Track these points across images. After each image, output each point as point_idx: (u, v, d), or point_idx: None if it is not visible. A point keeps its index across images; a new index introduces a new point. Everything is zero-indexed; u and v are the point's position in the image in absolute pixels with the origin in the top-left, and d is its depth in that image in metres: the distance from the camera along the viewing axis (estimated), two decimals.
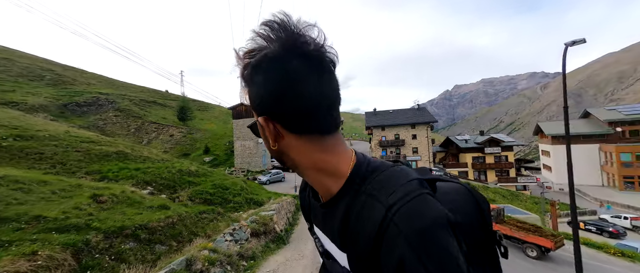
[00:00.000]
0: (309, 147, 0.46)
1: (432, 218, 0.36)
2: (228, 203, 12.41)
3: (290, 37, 0.43)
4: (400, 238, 0.35)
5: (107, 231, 4.30)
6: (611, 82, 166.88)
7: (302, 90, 0.43)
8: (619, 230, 16.89)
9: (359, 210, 0.43)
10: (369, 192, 0.43)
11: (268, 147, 0.50)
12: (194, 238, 6.24)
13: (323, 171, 0.48)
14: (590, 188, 29.49)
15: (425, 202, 0.38)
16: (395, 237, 0.36)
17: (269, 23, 0.43)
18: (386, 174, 0.44)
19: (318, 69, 0.44)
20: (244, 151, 33.69)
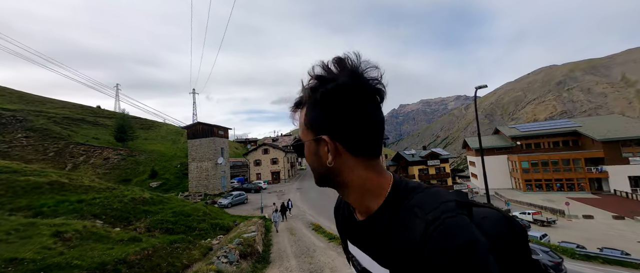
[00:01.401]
0: (361, 166, 0.52)
1: (470, 238, 0.38)
2: (193, 231, 11.77)
3: (361, 73, 0.51)
4: (440, 254, 0.38)
5: (89, 268, 4.11)
6: (511, 105, 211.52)
7: (368, 117, 0.51)
8: (525, 223, 21.54)
9: (399, 225, 0.46)
10: (409, 208, 0.46)
11: (318, 164, 0.54)
12: (171, 268, 6.02)
13: (368, 190, 0.53)
14: (504, 191, 36.58)
15: (464, 221, 0.41)
16: (435, 252, 0.39)
17: (343, 59, 0.51)
18: (426, 193, 0.48)
19: (377, 101, 0.53)
20: (200, 173, 31.29)
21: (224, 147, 33.85)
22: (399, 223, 0.47)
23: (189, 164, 32.09)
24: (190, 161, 31.90)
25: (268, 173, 41.94)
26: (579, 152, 34.53)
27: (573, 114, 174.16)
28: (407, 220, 0.45)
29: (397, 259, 0.46)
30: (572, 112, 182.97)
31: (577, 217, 24.17)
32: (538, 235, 16.56)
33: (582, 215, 24.27)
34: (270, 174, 41.90)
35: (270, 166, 42.23)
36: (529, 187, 35.76)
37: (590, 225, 22.50)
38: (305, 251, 8.08)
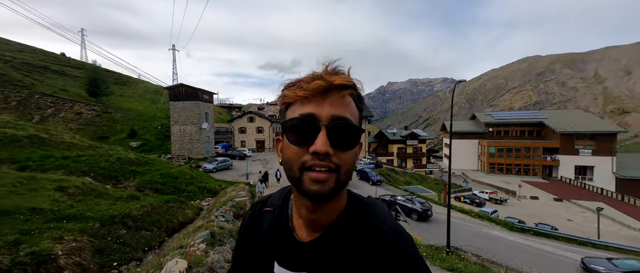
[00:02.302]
0: None
1: (409, 237, 0.54)
2: (182, 193, 12.39)
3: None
4: (399, 259, 0.50)
5: (101, 220, 4.63)
6: (492, 91, 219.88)
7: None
8: (482, 201, 24.56)
9: (357, 239, 0.51)
10: (365, 222, 0.53)
11: (353, 161, 0.50)
12: (170, 224, 6.70)
13: (337, 204, 0.54)
14: (470, 172, 40.34)
15: (401, 226, 0.55)
16: (396, 257, 0.50)
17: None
18: (374, 208, 0.56)
19: None
20: (183, 137, 30.89)
21: (209, 112, 33.22)
22: (358, 237, 0.51)
23: (171, 126, 31.37)
24: (172, 123, 31.15)
25: (253, 142, 42.30)
26: (539, 142, 38.16)
27: (544, 105, 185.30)
28: (365, 234, 0.51)
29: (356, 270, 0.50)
30: (544, 103, 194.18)
31: (526, 198, 27.85)
32: (490, 211, 19.20)
33: (529, 196, 27.98)
34: (255, 142, 42.31)
35: (256, 134, 42.44)
36: (492, 169, 39.64)
37: (534, 204, 26.17)
38: None
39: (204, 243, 3.55)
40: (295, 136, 0.47)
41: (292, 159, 0.47)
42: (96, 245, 3.77)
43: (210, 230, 4.04)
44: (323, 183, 0.45)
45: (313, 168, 0.45)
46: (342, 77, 0.47)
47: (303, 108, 0.47)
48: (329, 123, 0.45)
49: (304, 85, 0.47)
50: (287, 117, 0.50)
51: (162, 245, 5.82)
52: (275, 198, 0.64)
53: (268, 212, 0.62)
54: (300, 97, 0.47)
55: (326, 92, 0.46)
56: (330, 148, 0.45)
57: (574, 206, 25.56)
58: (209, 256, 3.25)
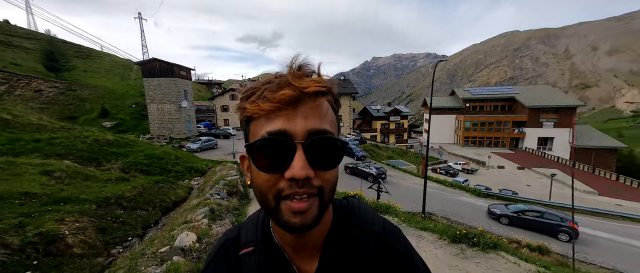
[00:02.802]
0: None
1: (398, 230, 0.55)
2: (169, 173, 12.34)
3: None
4: (398, 256, 0.50)
5: (97, 202, 4.72)
6: (472, 67, 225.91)
7: None
8: (456, 171, 26.76)
9: (353, 249, 0.48)
10: (356, 230, 0.50)
11: (335, 176, 0.43)
12: (163, 203, 6.87)
13: (327, 219, 0.49)
14: (447, 145, 43.06)
15: (388, 221, 0.55)
16: (395, 254, 0.50)
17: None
18: (360, 211, 0.54)
19: None
20: (162, 116, 29.52)
21: (188, 90, 31.64)
22: (353, 246, 0.49)
23: (147, 105, 29.68)
24: (149, 102, 29.43)
25: (236, 120, 41.35)
26: (510, 116, 41.01)
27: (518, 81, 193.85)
28: (360, 240, 0.49)
29: None
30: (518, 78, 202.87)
31: (494, 168, 30.66)
32: (461, 180, 21.14)
33: (497, 166, 30.82)
34: (239, 121, 41.54)
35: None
36: (467, 143, 42.53)
37: (501, 173, 29.00)
38: None
39: (206, 218, 3.86)
40: (265, 160, 0.38)
41: (263, 187, 0.39)
42: (97, 225, 3.93)
43: (209, 206, 4.33)
44: (305, 214, 0.38)
45: (292, 196, 0.38)
46: (315, 81, 0.40)
47: (271, 123, 0.38)
48: (306, 140, 0.38)
49: (269, 95, 0.38)
50: (250, 134, 0.41)
51: (158, 223, 6.07)
52: (250, 233, 0.52)
53: (248, 254, 0.49)
54: (266, 110, 0.38)
55: (297, 101, 0.38)
56: (311, 170, 0.37)
57: (534, 173, 28.66)
58: (213, 229, 3.58)
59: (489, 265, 3.92)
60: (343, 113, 40.99)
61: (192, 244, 2.99)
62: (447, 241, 4.45)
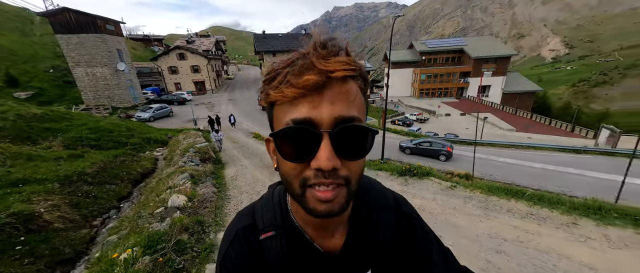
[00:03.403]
0: None
1: (402, 196, 0.61)
2: (125, 146, 11.47)
3: None
4: (412, 220, 0.57)
5: (58, 180, 4.47)
6: (429, 18, 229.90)
7: None
8: (411, 122, 29.79)
9: (376, 226, 0.52)
10: (374, 208, 0.54)
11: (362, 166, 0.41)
12: (131, 176, 6.66)
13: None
14: (404, 98, 46.41)
15: (391, 191, 0.60)
16: (409, 219, 0.57)
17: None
18: (372, 187, 0.57)
19: None
20: (95, 82, 25.05)
21: (121, 49, 26.81)
22: (374, 225, 0.52)
23: (72, 69, 24.65)
24: (72, 65, 24.37)
25: (190, 83, 37.48)
26: (458, 67, 44.91)
27: (468, 32, 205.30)
28: (380, 218, 0.53)
29: (382, 250, 0.53)
30: (468, 29, 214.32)
31: (442, 115, 34.76)
32: (415, 129, 23.94)
33: (444, 114, 34.98)
34: (193, 84, 37.63)
35: (192, 75, 37.31)
36: (422, 94, 46.30)
37: (447, 120, 33.20)
38: (253, 154, 9.75)
39: (189, 182, 4.07)
40: (290, 149, 0.37)
41: (289, 174, 0.39)
42: (68, 202, 3.85)
43: (188, 173, 4.49)
44: (332, 202, 0.37)
45: (317, 185, 0.36)
46: (343, 62, 0.36)
47: (295, 110, 0.36)
48: (332, 128, 0.35)
49: (292, 79, 0.35)
50: (275, 119, 0.40)
51: (131, 195, 6.04)
52: (269, 216, 0.51)
53: (269, 238, 0.49)
54: (289, 97, 0.36)
55: (323, 86, 0.35)
56: (338, 161, 0.36)
57: (472, 118, 33.49)
58: (199, 191, 3.87)
59: (423, 186, 5.57)
60: None
61: (185, 203, 3.31)
62: (396, 175, 6.02)
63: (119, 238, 2.79)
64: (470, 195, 4.87)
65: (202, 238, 2.77)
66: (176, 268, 2.21)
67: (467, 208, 4.31)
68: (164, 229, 2.58)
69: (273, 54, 38.10)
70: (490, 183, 5.48)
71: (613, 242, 3.16)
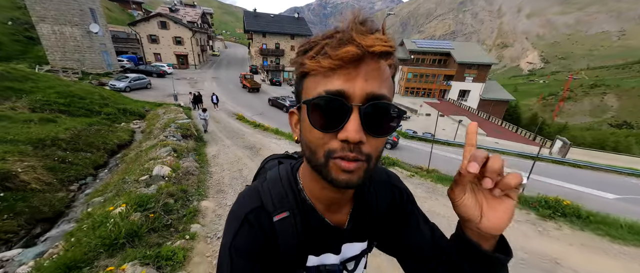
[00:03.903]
0: None
1: (395, 174, 0.67)
2: (98, 115, 10.93)
3: None
4: (402, 194, 0.62)
5: (31, 143, 4.35)
6: (422, 17, 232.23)
7: None
8: None
9: (374, 198, 0.57)
10: (374, 181, 0.59)
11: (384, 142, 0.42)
12: (106, 146, 6.49)
13: None
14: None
15: (387, 169, 0.67)
16: (400, 192, 0.62)
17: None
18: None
19: None
20: (64, 42, 22.80)
21: (95, 8, 24.52)
22: (374, 196, 0.57)
23: (36, 26, 22.18)
24: (36, 21, 21.89)
25: (171, 55, 35.37)
26: (443, 69, 46.58)
27: (458, 35, 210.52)
28: (377, 191, 0.58)
29: (377, 220, 0.58)
30: (458, 33, 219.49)
31: (423, 115, 36.29)
32: None
33: (425, 114, 36.54)
34: (175, 57, 35.58)
35: (174, 47, 35.17)
36: (407, 93, 47.68)
37: (427, 119, 34.77)
38: (235, 134, 9.75)
39: (171, 156, 4.17)
40: (321, 118, 0.37)
41: (315, 144, 0.39)
42: (43, 165, 3.80)
43: (170, 146, 4.55)
44: (353, 173, 0.38)
45: (342, 157, 0.37)
46: (381, 39, 0.36)
47: (329, 82, 0.36)
48: (363, 103, 0.36)
49: (330, 51, 0.36)
50: (304, 90, 0.41)
51: (108, 165, 5.96)
52: (280, 197, 0.51)
53: (284, 219, 0.49)
54: (325, 68, 0.36)
55: (360, 60, 0.35)
56: (364, 135, 0.37)
57: (450, 120, 35.33)
58: (182, 164, 4.01)
59: None
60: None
61: (170, 173, 3.46)
62: None
63: (105, 199, 2.91)
64: (422, 182, 5.85)
65: (186, 205, 2.99)
66: (165, 224, 2.45)
67: (417, 192, 5.19)
68: (151, 193, 2.77)
69: (263, 35, 36.85)
70: (441, 175, 6.47)
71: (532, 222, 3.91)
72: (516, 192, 0.38)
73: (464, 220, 0.42)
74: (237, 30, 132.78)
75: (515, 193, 0.38)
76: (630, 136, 50.46)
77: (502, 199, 0.38)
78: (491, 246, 0.42)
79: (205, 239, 2.57)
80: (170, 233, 2.38)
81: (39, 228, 3.10)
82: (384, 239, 0.61)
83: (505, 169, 0.36)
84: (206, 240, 2.53)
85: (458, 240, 0.44)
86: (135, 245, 2.09)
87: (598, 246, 3.16)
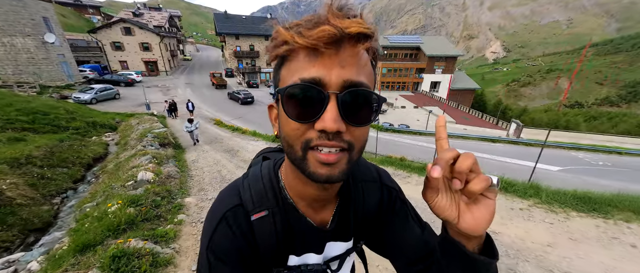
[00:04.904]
0: None
1: (386, 171, 0.63)
2: (66, 130, 10.55)
3: None
4: (392, 192, 0.59)
5: (6, 162, 4.43)
6: (394, 12, 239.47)
7: None
8: None
9: (361, 196, 0.55)
10: (361, 180, 0.57)
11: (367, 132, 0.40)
12: (82, 160, 6.50)
13: None
14: None
15: (374, 164, 0.63)
16: (390, 191, 0.59)
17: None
18: (359, 161, 0.55)
19: None
20: (15, 55, 21.04)
21: (49, 17, 22.93)
22: (361, 195, 0.55)
23: None
24: None
25: (139, 62, 33.82)
26: (415, 63, 48.97)
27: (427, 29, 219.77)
28: (366, 190, 0.56)
29: (365, 221, 0.56)
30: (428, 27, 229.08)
31: (399, 108, 38.10)
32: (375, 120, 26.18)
33: (400, 106, 38.38)
34: (144, 64, 34.07)
35: (141, 53, 33.64)
36: (382, 87, 49.55)
37: (402, 112, 36.56)
38: (213, 139, 9.96)
39: (152, 163, 4.47)
40: (296, 108, 0.35)
41: (291, 136, 0.37)
42: (25, 181, 3.93)
43: (150, 155, 4.83)
44: (333, 166, 0.36)
45: (320, 148, 0.36)
46: (358, 22, 0.34)
47: (304, 70, 0.35)
48: (341, 91, 0.35)
49: (305, 32, 0.33)
50: (281, 80, 0.39)
51: (85, 178, 6.04)
52: (259, 196, 0.48)
53: (262, 218, 0.47)
54: (300, 44, 0.34)
55: (336, 44, 0.34)
56: (343, 124, 0.35)
57: (423, 111, 37.48)
58: (164, 169, 4.35)
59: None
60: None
61: (154, 177, 3.83)
62: None
63: (97, 203, 3.22)
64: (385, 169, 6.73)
65: (172, 201, 3.40)
66: (155, 215, 2.88)
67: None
68: (140, 193, 3.14)
69: (236, 37, 36.40)
70: (408, 163, 7.06)
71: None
72: (493, 193, 0.35)
73: (443, 221, 0.40)
74: (209, 32, 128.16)
75: (493, 193, 0.35)
76: (579, 115, 56.69)
77: (478, 199, 0.36)
78: (475, 246, 0.40)
79: (191, 224, 3.06)
80: (160, 222, 2.84)
81: (33, 237, 3.31)
82: (372, 238, 0.59)
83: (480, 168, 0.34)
84: (191, 225, 3.01)
85: (442, 240, 0.43)
86: (133, 230, 2.52)
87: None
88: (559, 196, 3.85)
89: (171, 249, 2.41)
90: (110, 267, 1.86)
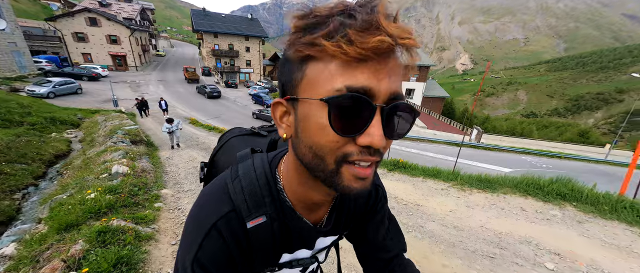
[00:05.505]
0: None
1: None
2: (20, 125, 9.73)
3: None
4: (378, 189, 0.60)
5: None
6: None
7: None
8: None
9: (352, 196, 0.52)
10: None
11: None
12: (42, 157, 6.11)
13: None
14: None
15: None
16: (376, 189, 0.60)
17: None
18: None
19: None
20: None
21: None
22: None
23: None
24: None
25: (105, 56, 31.54)
26: None
27: None
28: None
29: (355, 217, 0.58)
30: None
31: None
32: None
33: None
34: (111, 58, 31.83)
35: (108, 46, 31.42)
36: None
37: None
38: (188, 139, 9.74)
39: (125, 158, 4.44)
40: (340, 120, 0.30)
41: (326, 148, 0.32)
42: None
43: (123, 151, 4.77)
44: (366, 180, 0.34)
45: (358, 162, 0.32)
46: (408, 31, 0.29)
47: (350, 75, 0.29)
48: (387, 103, 0.31)
49: (356, 37, 0.27)
50: (308, 80, 0.32)
51: (46, 175, 5.74)
52: (255, 199, 0.43)
53: (259, 225, 0.42)
54: (350, 58, 0.28)
55: (388, 54, 0.29)
56: (384, 138, 0.31)
57: None
58: (138, 165, 4.36)
59: None
60: (252, 58, 38.84)
61: (129, 171, 3.87)
62: None
63: (70, 194, 3.19)
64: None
65: (148, 192, 3.49)
66: (133, 202, 2.99)
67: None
68: (117, 183, 3.20)
69: (215, 35, 35.50)
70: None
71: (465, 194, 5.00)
72: None
73: None
74: (185, 28, 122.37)
75: None
76: (532, 124, 63.50)
77: None
78: None
79: (169, 211, 3.22)
80: (139, 208, 2.95)
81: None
82: (353, 231, 0.62)
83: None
84: (169, 211, 3.18)
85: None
86: (114, 213, 2.64)
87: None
88: (469, 179, 5.01)
89: (151, 228, 2.60)
90: (96, 239, 2.03)
